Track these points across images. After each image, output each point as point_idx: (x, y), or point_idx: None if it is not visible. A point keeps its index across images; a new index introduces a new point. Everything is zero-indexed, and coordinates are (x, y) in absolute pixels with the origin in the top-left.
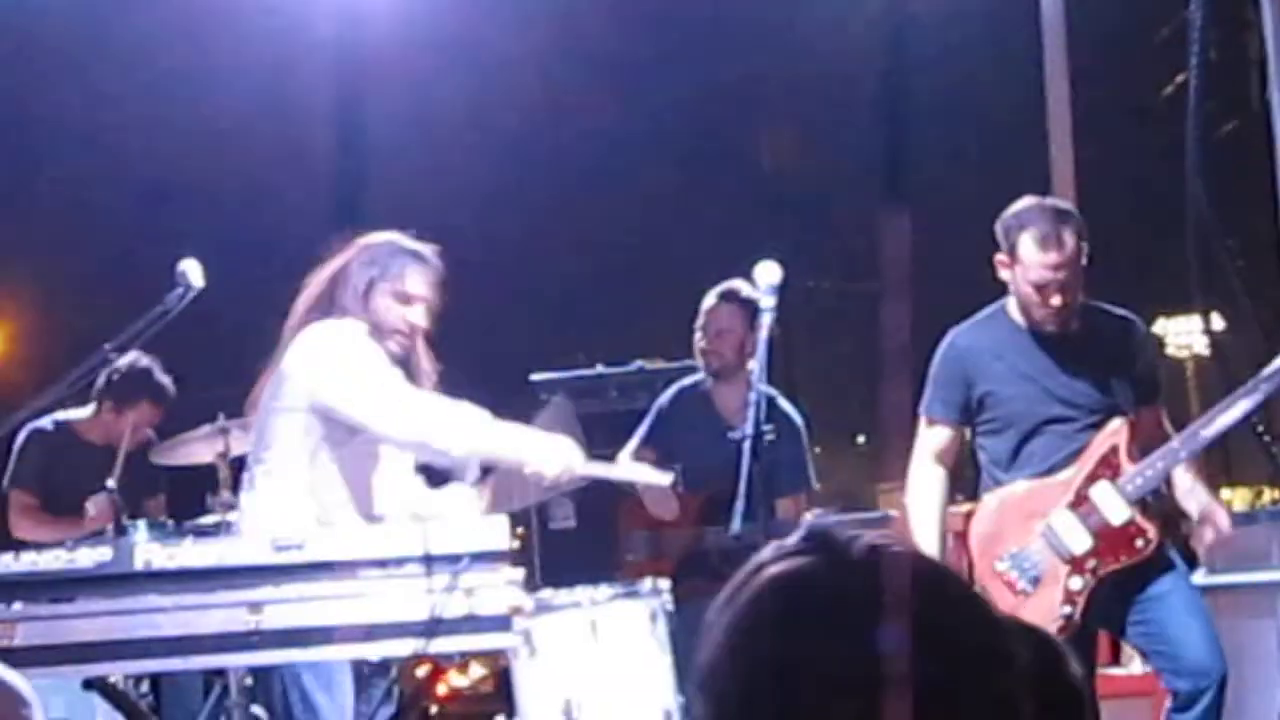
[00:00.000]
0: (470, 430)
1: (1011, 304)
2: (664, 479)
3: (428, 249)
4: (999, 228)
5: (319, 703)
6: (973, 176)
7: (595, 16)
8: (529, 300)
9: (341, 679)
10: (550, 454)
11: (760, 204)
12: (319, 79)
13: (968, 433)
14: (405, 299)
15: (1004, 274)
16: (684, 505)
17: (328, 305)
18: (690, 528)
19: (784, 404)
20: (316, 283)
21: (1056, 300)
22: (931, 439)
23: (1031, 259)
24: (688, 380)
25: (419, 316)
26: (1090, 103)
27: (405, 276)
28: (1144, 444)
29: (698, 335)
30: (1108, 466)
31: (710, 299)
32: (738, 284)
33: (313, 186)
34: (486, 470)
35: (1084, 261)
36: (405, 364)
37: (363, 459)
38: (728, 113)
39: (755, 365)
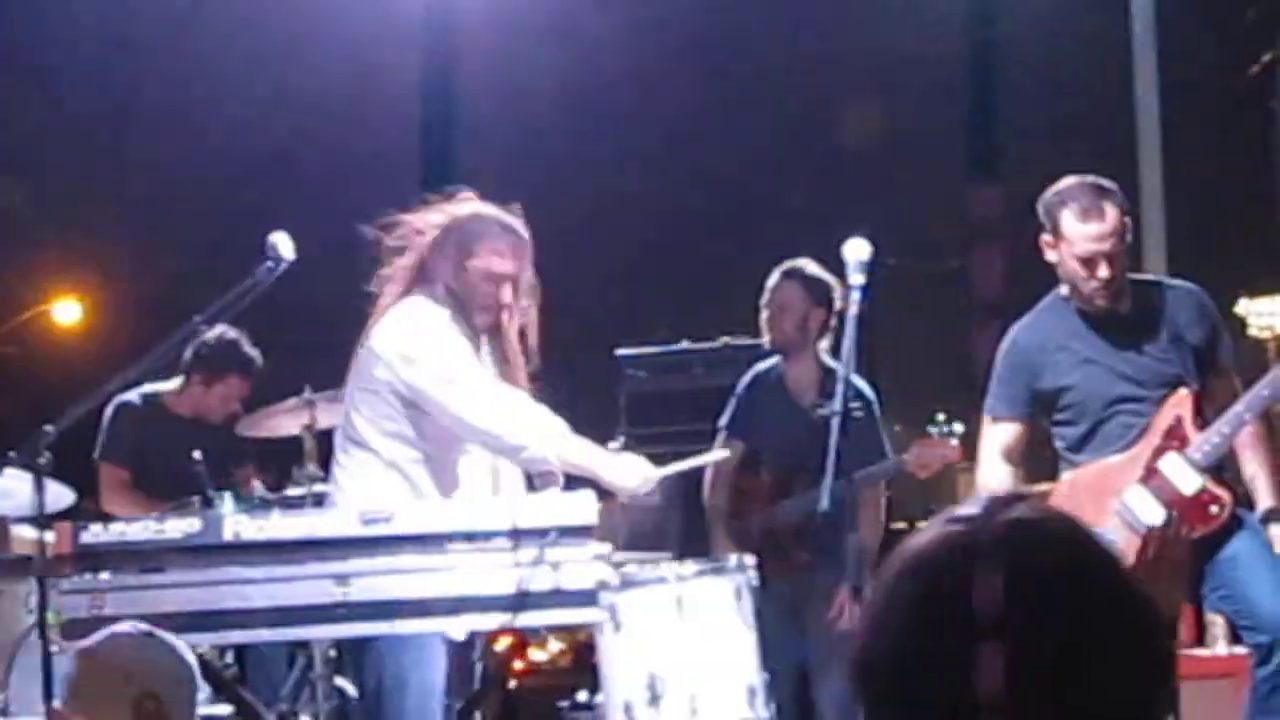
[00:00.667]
0: (545, 435)
1: (1064, 291)
2: (726, 453)
3: (519, 223)
4: (1041, 209)
5: (410, 678)
6: (1059, 155)
7: None
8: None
9: (433, 654)
10: (624, 470)
11: (845, 180)
12: (406, 51)
13: (1035, 423)
14: (495, 276)
15: (1050, 255)
16: (759, 486)
17: (419, 278)
18: (764, 508)
19: (855, 379)
20: (409, 255)
21: (1104, 272)
22: (997, 436)
23: (1074, 232)
24: (762, 365)
25: (508, 293)
26: (1177, 83)
27: (497, 252)
28: (1219, 412)
29: (763, 312)
30: (1174, 438)
31: (774, 276)
32: (802, 262)
33: (400, 160)
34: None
35: (1128, 237)
36: (493, 343)
37: (451, 441)
38: (813, 87)
39: (845, 341)
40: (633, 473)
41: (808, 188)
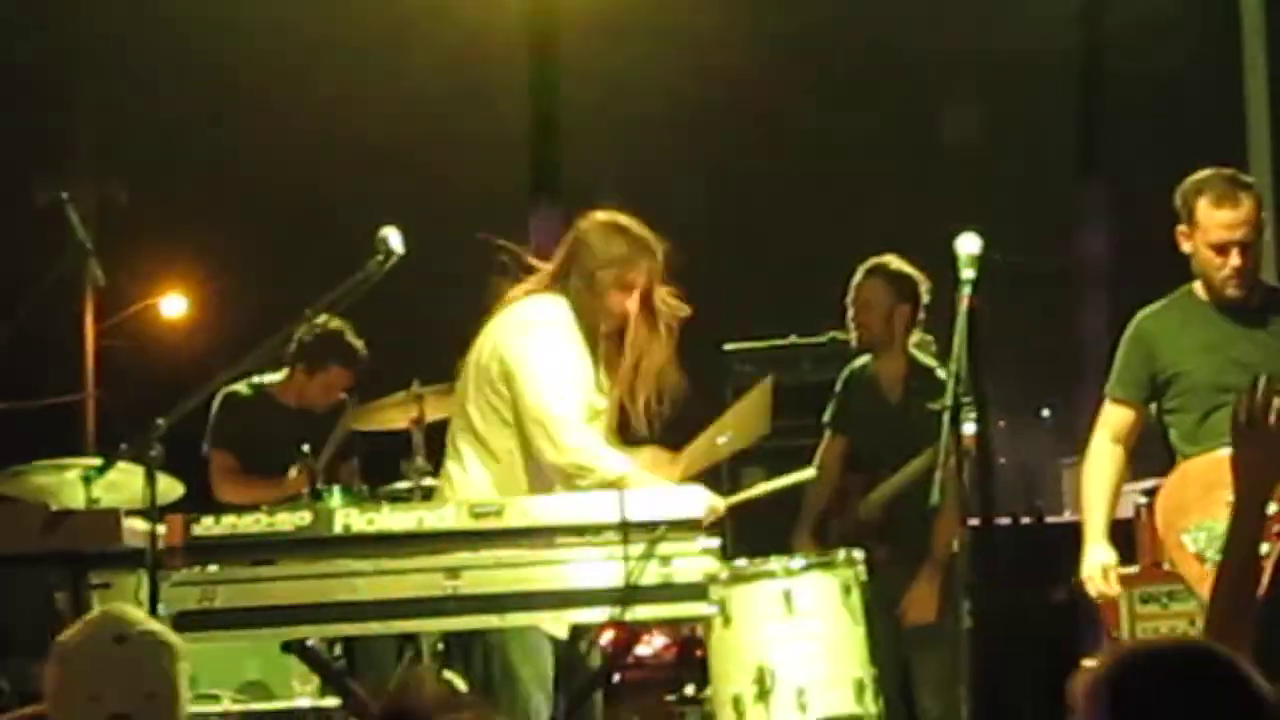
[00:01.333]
0: (615, 474)
1: (1197, 285)
2: (806, 473)
3: (651, 236)
4: (1178, 198)
5: (521, 672)
6: (1166, 153)
7: None
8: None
9: (542, 647)
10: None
11: (949, 177)
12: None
13: (1151, 411)
14: (626, 286)
15: (1185, 246)
16: (856, 484)
17: (550, 280)
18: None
19: (941, 374)
20: (547, 263)
21: (1236, 260)
22: (1112, 417)
23: (1209, 220)
24: (857, 362)
25: (634, 303)
26: None
27: (629, 265)
28: None
29: (848, 309)
30: None
31: (858, 274)
32: (887, 258)
33: (508, 155)
34: None
35: (1263, 233)
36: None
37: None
38: (920, 84)
39: (955, 337)
40: (695, 505)
41: (915, 185)
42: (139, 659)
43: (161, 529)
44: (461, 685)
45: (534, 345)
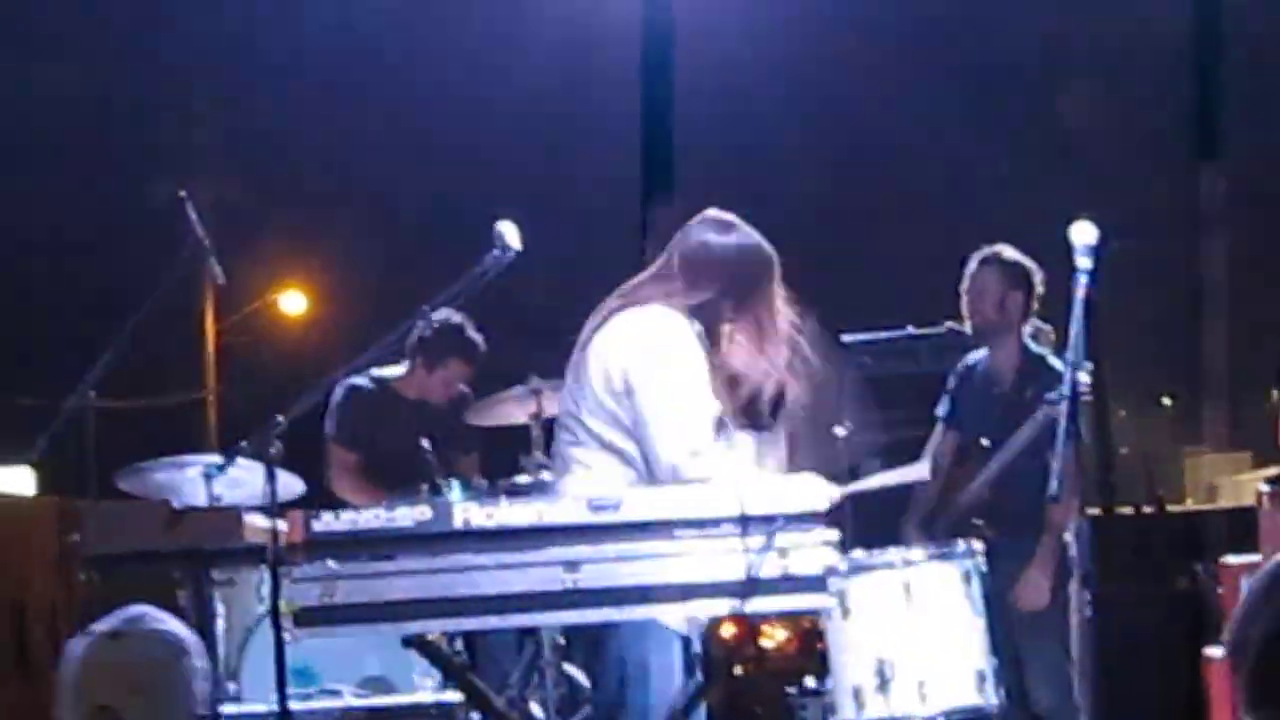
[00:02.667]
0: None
1: None
2: (921, 472)
3: (765, 245)
4: None
5: (652, 664)
6: None
7: None
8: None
9: (670, 639)
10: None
11: (1065, 164)
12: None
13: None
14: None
15: None
16: (966, 475)
17: (673, 289)
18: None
19: (1054, 362)
20: (666, 264)
21: None
22: None
23: None
24: (970, 358)
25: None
26: None
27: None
28: None
29: (963, 298)
30: None
31: (972, 263)
32: (999, 247)
33: (620, 152)
34: None
35: None
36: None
37: None
38: (1040, 71)
39: (1072, 325)
40: (814, 497)
41: (1033, 171)
42: (129, 656)
43: (282, 525)
44: (583, 680)
45: (658, 361)
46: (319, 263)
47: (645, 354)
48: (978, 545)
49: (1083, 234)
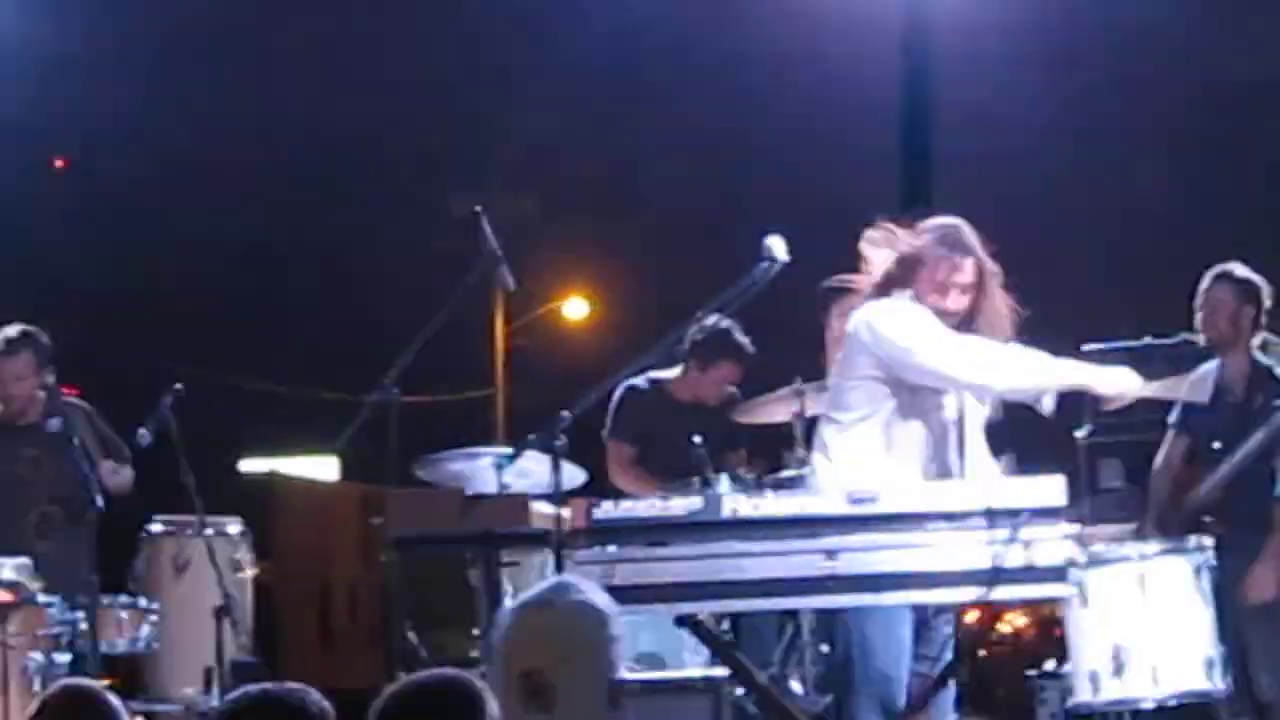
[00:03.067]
0: (1028, 367)
1: None
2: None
3: (978, 242)
4: None
5: (877, 645)
6: None
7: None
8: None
9: (898, 625)
10: (1113, 378)
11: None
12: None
13: None
14: (962, 288)
15: None
16: (1195, 477)
17: (898, 282)
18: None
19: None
20: (890, 261)
21: None
22: None
23: None
24: (1201, 369)
25: (967, 301)
26: None
27: (963, 267)
28: None
29: (1197, 313)
30: None
31: (1206, 279)
32: (1232, 266)
33: (877, 165)
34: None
35: None
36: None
37: (933, 425)
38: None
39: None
40: (1122, 380)
41: (1246, 197)
42: (556, 623)
43: (566, 512)
44: None
45: (898, 319)
46: (600, 272)
47: (883, 321)
48: (1207, 541)
49: None
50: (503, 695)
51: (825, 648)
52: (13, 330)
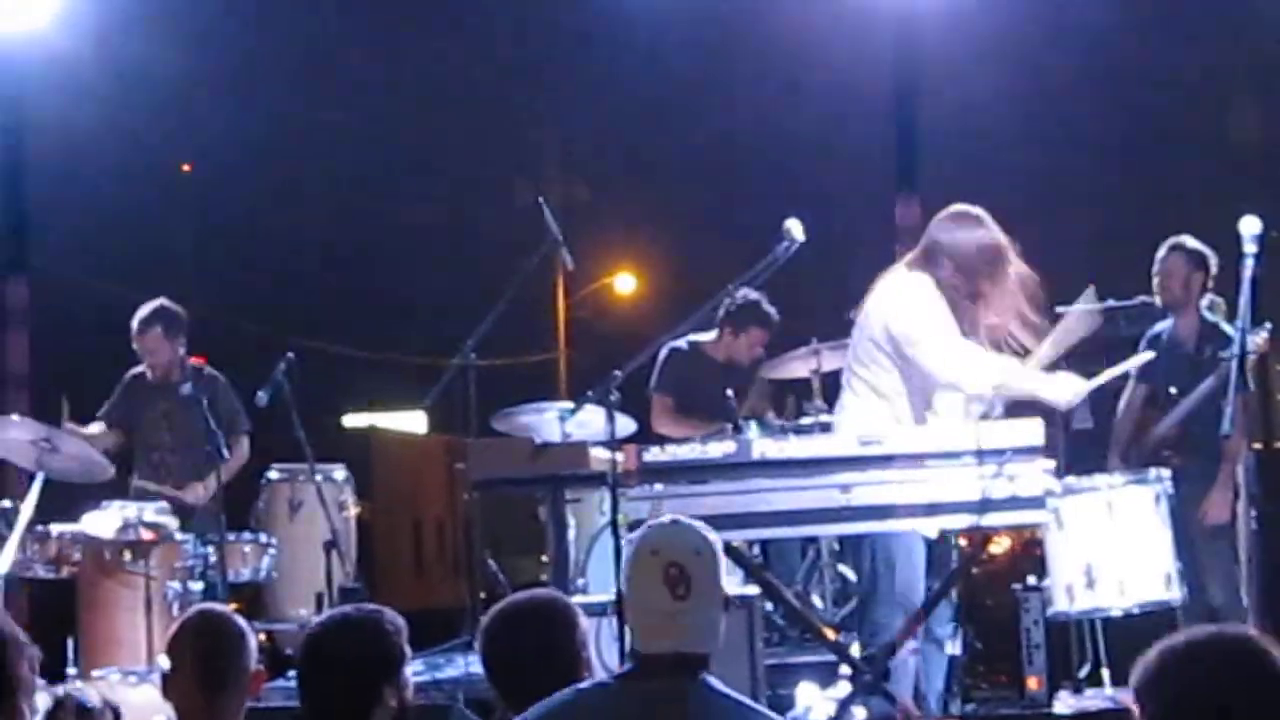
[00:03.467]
0: (993, 374)
1: None
2: (1143, 359)
3: (998, 233)
4: None
5: (897, 562)
6: None
7: None
8: (1057, 255)
9: (915, 548)
10: (1055, 387)
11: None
12: (881, 79)
13: None
14: (984, 298)
15: None
16: (1152, 418)
17: (920, 261)
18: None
19: (1226, 328)
20: (924, 244)
21: None
22: None
23: None
24: (1155, 327)
25: (983, 285)
26: None
27: (990, 286)
28: None
29: (1154, 278)
30: None
31: (1162, 249)
32: (1184, 238)
33: (875, 154)
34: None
35: None
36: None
37: (928, 380)
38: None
39: (1240, 299)
40: (1066, 388)
41: (1212, 172)
42: (693, 532)
43: (620, 456)
44: (852, 576)
45: (909, 305)
46: (646, 251)
47: (896, 303)
48: (1166, 473)
49: (1249, 226)
50: (653, 585)
51: (843, 568)
52: (145, 309)
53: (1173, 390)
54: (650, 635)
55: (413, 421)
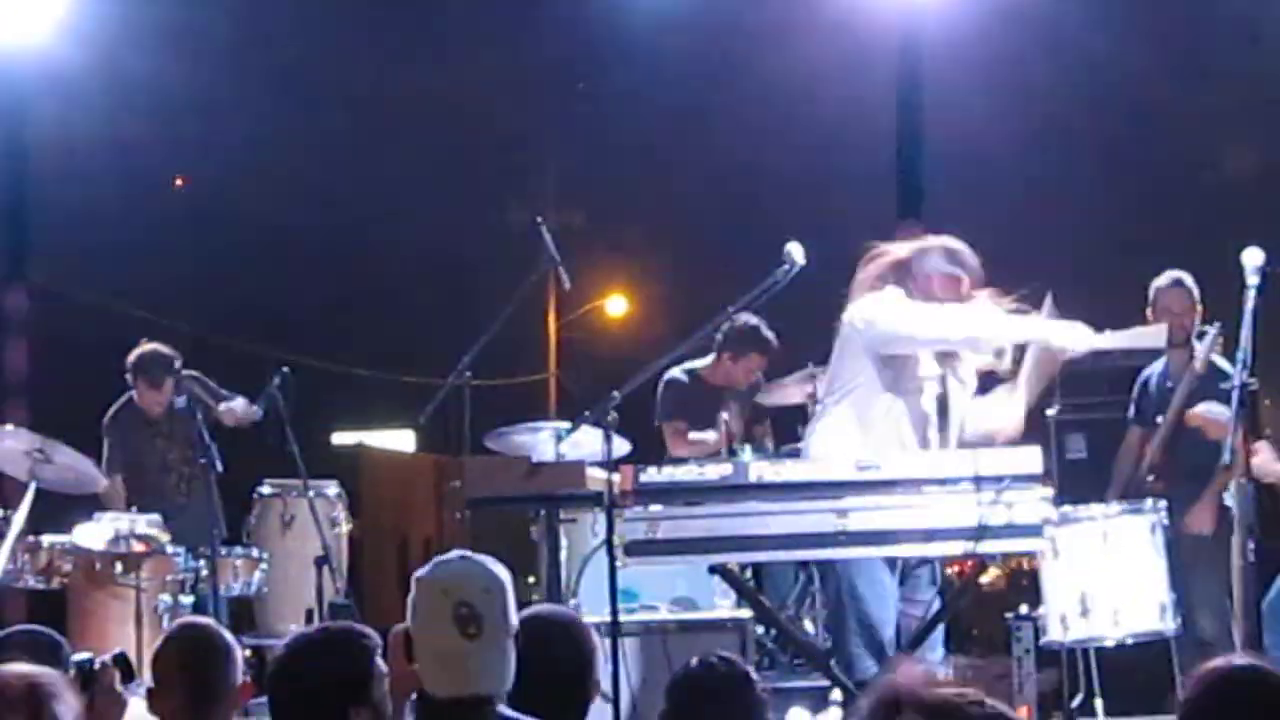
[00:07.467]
0: (985, 322)
1: None
2: (1160, 337)
3: (970, 255)
4: None
5: (862, 593)
6: None
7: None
8: (1054, 280)
9: (880, 575)
10: (1064, 331)
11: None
12: (882, 83)
13: None
14: (947, 288)
15: None
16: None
17: (893, 278)
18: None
19: (1220, 361)
20: (882, 263)
21: None
22: None
23: None
24: (1146, 370)
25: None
26: None
27: (951, 276)
28: None
29: (1150, 311)
30: None
31: (1165, 280)
32: (1180, 274)
33: (875, 181)
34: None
35: None
36: None
37: (911, 405)
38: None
39: (1242, 330)
40: (1074, 333)
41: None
42: (480, 567)
43: (616, 477)
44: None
45: (879, 300)
46: (638, 275)
47: (866, 304)
48: (1161, 503)
49: (1251, 258)
50: (442, 625)
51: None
52: (151, 359)
53: (1159, 420)
54: (440, 678)
55: (401, 440)
